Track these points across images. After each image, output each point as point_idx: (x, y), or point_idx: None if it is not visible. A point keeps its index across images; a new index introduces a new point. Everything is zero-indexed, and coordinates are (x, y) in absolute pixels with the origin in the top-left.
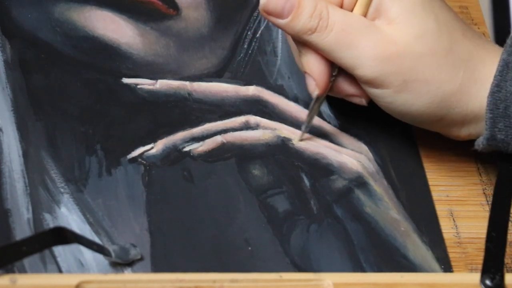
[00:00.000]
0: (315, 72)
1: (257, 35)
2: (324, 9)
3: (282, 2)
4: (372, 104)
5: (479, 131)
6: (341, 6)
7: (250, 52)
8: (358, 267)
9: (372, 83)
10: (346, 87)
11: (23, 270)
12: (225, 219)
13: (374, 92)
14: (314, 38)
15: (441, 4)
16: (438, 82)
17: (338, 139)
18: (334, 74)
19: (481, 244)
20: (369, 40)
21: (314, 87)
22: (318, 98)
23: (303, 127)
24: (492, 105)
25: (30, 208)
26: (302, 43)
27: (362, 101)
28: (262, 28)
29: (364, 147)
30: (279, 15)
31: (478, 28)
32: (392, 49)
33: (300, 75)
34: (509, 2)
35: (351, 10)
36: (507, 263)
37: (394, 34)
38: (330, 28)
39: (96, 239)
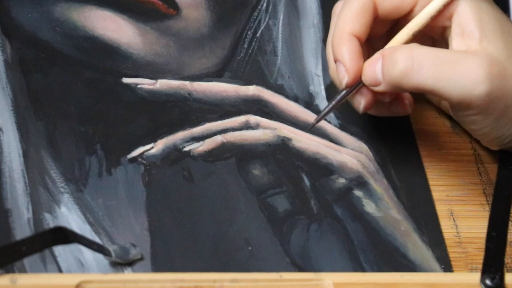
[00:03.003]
0: (346, 58)
1: (257, 34)
2: (413, 50)
3: (372, 71)
4: None
5: None
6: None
7: (250, 51)
8: (358, 267)
9: (477, 108)
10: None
11: (23, 270)
12: (225, 219)
13: (474, 119)
14: (412, 80)
15: None
16: None
17: (338, 139)
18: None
19: (481, 244)
20: (469, 67)
21: (344, 73)
22: (345, 89)
23: (322, 112)
24: None
25: (30, 208)
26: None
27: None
28: (262, 27)
29: (364, 147)
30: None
31: None
32: (495, 67)
33: (300, 74)
34: (509, 2)
35: None
36: (507, 262)
37: (489, 52)
38: (426, 67)
39: (96, 238)
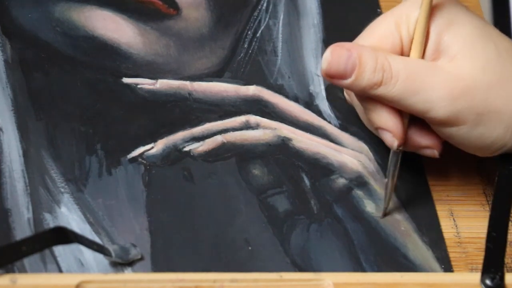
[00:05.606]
0: (389, 124)
1: (257, 34)
2: (385, 61)
3: (343, 64)
4: None
5: None
6: (401, 53)
7: (250, 51)
8: (358, 267)
9: (447, 123)
10: (418, 139)
11: (23, 270)
12: (225, 219)
13: (449, 131)
14: (381, 91)
15: (498, 32)
16: (510, 110)
17: (338, 139)
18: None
19: (481, 244)
20: (436, 80)
21: (392, 139)
22: (397, 152)
23: (386, 197)
24: None
25: (30, 207)
26: (368, 100)
27: (435, 153)
28: (262, 27)
29: (364, 147)
30: (343, 77)
31: None
32: (461, 84)
33: (300, 74)
34: (509, 2)
35: (408, 56)
36: (507, 262)
37: (458, 69)
38: (396, 78)
39: (96, 238)
